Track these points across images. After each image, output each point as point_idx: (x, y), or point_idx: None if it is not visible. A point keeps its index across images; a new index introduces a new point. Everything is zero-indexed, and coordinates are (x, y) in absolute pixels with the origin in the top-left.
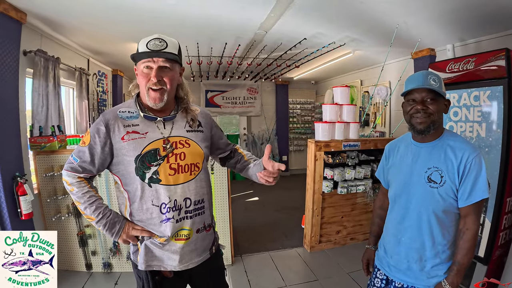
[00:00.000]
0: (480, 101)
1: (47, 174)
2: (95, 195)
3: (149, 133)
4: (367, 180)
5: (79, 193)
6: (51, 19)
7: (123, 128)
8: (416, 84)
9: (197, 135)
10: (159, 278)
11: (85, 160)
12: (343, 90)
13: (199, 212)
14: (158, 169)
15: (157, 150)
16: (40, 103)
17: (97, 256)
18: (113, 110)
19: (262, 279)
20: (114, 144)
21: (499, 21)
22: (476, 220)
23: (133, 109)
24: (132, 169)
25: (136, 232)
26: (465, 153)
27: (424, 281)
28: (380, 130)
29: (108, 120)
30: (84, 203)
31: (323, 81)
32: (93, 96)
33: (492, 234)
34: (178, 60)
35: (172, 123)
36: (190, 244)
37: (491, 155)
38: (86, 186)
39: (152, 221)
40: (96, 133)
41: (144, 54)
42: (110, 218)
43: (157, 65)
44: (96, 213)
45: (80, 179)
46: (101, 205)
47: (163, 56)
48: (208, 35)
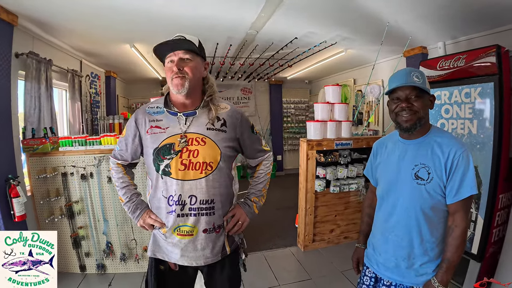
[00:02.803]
0: (471, 98)
1: (40, 176)
2: (128, 180)
3: (170, 128)
4: (360, 178)
5: (115, 177)
6: (43, 21)
7: (148, 122)
8: (399, 82)
9: (217, 134)
10: (165, 268)
11: (122, 148)
12: (335, 89)
13: (206, 212)
14: (170, 162)
15: (172, 144)
16: (33, 105)
17: (91, 258)
18: (144, 106)
19: (255, 278)
20: (142, 137)
21: (490, 18)
22: (464, 216)
23: (161, 105)
24: (151, 161)
25: (151, 220)
26: (452, 149)
27: (412, 279)
28: (373, 128)
29: (137, 115)
30: (118, 186)
31: (317, 80)
32: (86, 97)
33: (485, 231)
34: (197, 51)
35: (193, 119)
36: (195, 242)
37: (483, 152)
38: (121, 172)
39: (161, 210)
40: (128, 127)
41: (165, 48)
42: (135, 203)
43: (178, 57)
44: (124, 196)
45: (118, 165)
46: (130, 190)
47: (182, 48)
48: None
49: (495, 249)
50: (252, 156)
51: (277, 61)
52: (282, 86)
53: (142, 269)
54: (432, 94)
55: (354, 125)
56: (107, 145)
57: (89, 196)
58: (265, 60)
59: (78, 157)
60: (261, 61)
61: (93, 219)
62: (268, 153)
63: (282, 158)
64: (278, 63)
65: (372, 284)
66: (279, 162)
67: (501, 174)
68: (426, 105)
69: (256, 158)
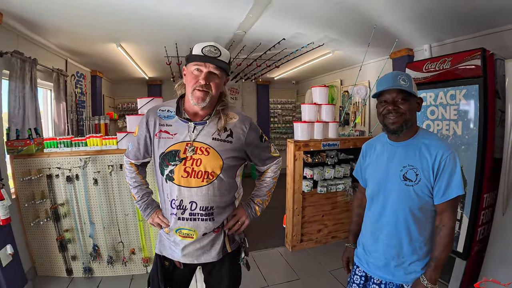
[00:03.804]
0: (456, 99)
1: (24, 178)
2: (140, 180)
3: (177, 135)
4: (347, 178)
5: (128, 176)
6: (28, 19)
7: (158, 126)
8: (386, 85)
9: (221, 145)
10: (170, 265)
11: (134, 147)
12: (322, 90)
13: (206, 218)
14: (174, 169)
15: (178, 151)
16: (17, 105)
17: (78, 261)
18: (156, 107)
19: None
20: (152, 138)
21: (475, 22)
22: (452, 216)
23: (172, 109)
24: (158, 164)
25: (158, 220)
26: (440, 151)
27: (401, 277)
28: (359, 129)
29: (149, 116)
30: (131, 185)
31: (304, 81)
32: (71, 97)
33: (470, 229)
34: (227, 70)
35: (202, 128)
36: (195, 243)
37: (468, 153)
38: (134, 172)
39: (166, 211)
40: (140, 126)
41: (198, 58)
42: (146, 202)
43: (207, 69)
44: (137, 195)
45: (131, 165)
46: (142, 189)
47: (215, 64)
48: (187, 35)
49: (480, 247)
50: (261, 164)
51: (265, 61)
52: (269, 87)
53: (129, 272)
54: (420, 96)
55: (340, 125)
56: (92, 147)
57: (75, 198)
58: (252, 61)
59: (64, 159)
60: (249, 62)
61: (79, 221)
62: (277, 159)
63: None
64: (266, 64)
65: (362, 283)
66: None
67: (485, 174)
68: (413, 108)
69: (264, 166)
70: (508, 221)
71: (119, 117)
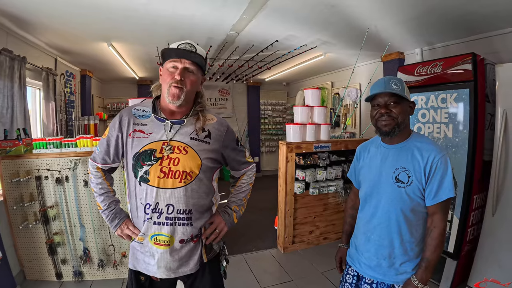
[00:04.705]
0: (447, 103)
1: (13, 180)
2: (107, 186)
3: (153, 134)
4: (338, 180)
5: (94, 182)
6: (18, 16)
7: (132, 125)
8: (378, 89)
9: (199, 145)
10: (146, 280)
11: (102, 150)
12: (314, 92)
13: (183, 223)
14: (149, 169)
15: (154, 150)
16: (5, 104)
17: (67, 265)
18: (130, 106)
19: (236, 282)
20: (124, 139)
21: (466, 26)
22: (443, 218)
23: (148, 109)
24: (131, 166)
25: (129, 231)
26: (431, 154)
27: (393, 277)
28: (350, 131)
29: (122, 115)
30: (96, 192)
31: (295, 83)
32: (60, 97)
33: (461, 230)
34: (202, 66)
35: (179, 128)
36: (172, 253)
37: (458, 155)
38: (101, 177)
39: (139, 219)
40: (112, 126)
41: (173, 52)
42: (113, 211)
43: (183, 65)
44: (103, 203)
45: (98, 170)
46: (109, 197)
47: (191, 59)
48: (179, 35)
49: (470, 247)
50: (236, 168)
51: (256, 63)
52: (260, 88)
53: (120, 275)
54: (412, 101)
55: (332, 127)
56: (83, 148)
57: (64, 200)
58: (244, 62)
59: (53, 160)
60: (240, 63)
61: (69, 224)
62: (252, 164)
63: (260, 160)
64: (257, 65)
65: (355, 282)
66: (257, 164)
67: (475, 176)
68: (405, 111)
69: (240, 170)
70: (497, 222)
71: (109, 117)
